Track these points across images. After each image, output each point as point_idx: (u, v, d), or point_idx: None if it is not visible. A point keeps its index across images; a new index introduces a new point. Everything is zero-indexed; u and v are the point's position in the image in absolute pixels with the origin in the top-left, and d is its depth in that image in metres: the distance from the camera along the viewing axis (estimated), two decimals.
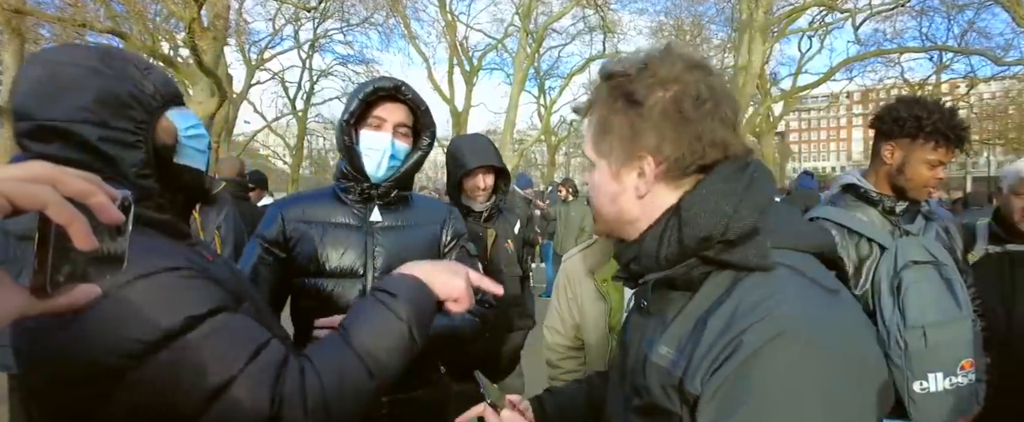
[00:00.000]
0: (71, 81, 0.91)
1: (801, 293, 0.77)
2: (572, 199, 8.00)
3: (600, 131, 0.90)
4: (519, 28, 21.19)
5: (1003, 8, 15.11)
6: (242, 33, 18.13)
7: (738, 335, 0.72)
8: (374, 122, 1.54)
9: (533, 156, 36.10)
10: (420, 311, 1.01)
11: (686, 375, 0.76)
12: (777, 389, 0.69)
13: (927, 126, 1.79)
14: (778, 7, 17.09)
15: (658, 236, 0.85)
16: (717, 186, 0.83)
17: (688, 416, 0.77)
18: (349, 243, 1.55)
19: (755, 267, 0.79)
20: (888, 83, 21.25)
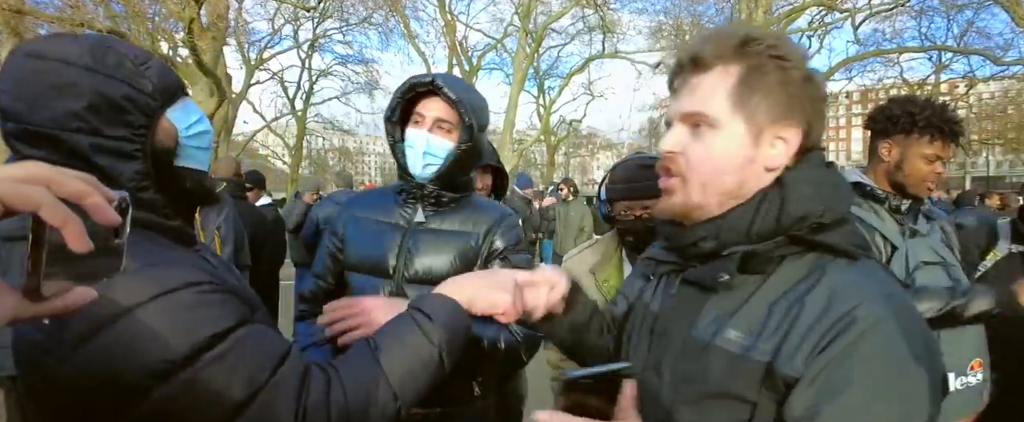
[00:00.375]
0: (62, 82, 0.84)
1: (887, 280, 0.82)
2: (572, 198, 7.99)
3: (744, 89, 0.82)
4: (518, 28, 21.18)
5: (1002, 8, 15.12)
6: (241, 33, 18.15)
7: (847, 313, 0.73)
8: (416, 119, 1.52)
9: (532, 156, 36.06)
10: (453, 336, 0.99)
11: (778, 359, 0.75)
12: (884, 367, 0.71)
13: (920, 121, 1.81)
14: (777, 7, 17.10)
15: (753, 209, 0.83)
16: (818, 170, 0.86)
17: (769, 401, 0.77)
18: (388, 242, 1.55)
19: (846, 252, 0.81)
20: (887, 83, 21.23)
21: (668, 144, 0.88)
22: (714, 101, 0.83)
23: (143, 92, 0.89)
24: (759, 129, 0.83)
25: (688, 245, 0.89)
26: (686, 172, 0.86)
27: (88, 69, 0.86)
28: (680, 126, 0.87)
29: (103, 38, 0.95)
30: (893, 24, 19.03)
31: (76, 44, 0.89)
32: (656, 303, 0.98)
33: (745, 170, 0.84)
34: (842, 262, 0.81)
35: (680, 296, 0.92)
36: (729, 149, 0.84)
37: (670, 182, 0.88)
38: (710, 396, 0.81)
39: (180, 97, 0.98)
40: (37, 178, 0.47)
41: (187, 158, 0.98)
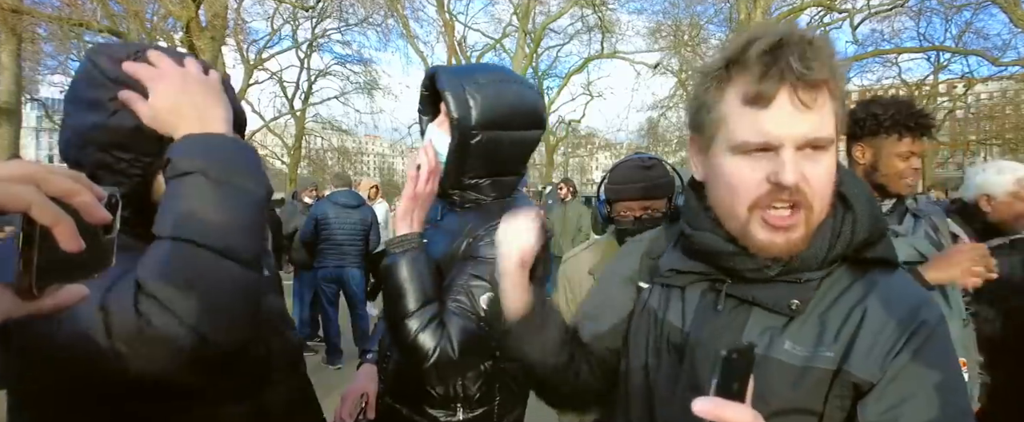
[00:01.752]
0: (92, 97, 0.87)
1: (921, 284, 0.86)
2: (570, 199, 7.98)
3: (839, 108, 0.79)
4: (517, 28, 21.18)
5: (1000, 9, 15.14)
6: (240, 33, 18.12)
7: (915, 316, 0.77)
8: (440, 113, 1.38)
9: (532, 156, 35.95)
10: (208, 150, 0.83)
11: (849, 364, 0.76)
12: (949, 363, 0.77)
13: (885, 121, 1.85)
14: (776, 8, 17.10)
15: (827, 235, 0.82)
16: (861, 185, 0.86)
17: (836, 410, 0.77)
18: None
19: (894, 262, 0.85)
20: (886, 83, 21.26)
21: (794, 176, 0.75)
22: (829, 124, 0.78)
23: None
24: (834, 144, 0.81)
25: (750, 268, 0.83)
26: (813, 202, 0.78)
27: (117, 84, 0.87)
28: (794, 153, 0.76)
29: (167, 52, 0.93)
30: (892, 25, 19.05)
31: (123, 55, 0.89)
32: (674, 314, 0.91)
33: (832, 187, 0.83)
34: (882, 270, 0.83)
35: (724, 310, 0.86)
36: (833, 170, 0.80)
37: (795, 217, 0.79)
38: (774, 413, 0.76)
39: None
40: (26, 177, 0.47)
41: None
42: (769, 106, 0.76)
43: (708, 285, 0.89)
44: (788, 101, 0.76)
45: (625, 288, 1.03)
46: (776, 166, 0.76)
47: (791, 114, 0.76)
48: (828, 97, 0.77)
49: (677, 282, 0.92)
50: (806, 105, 0.75)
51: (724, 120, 0.81)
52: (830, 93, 0.77)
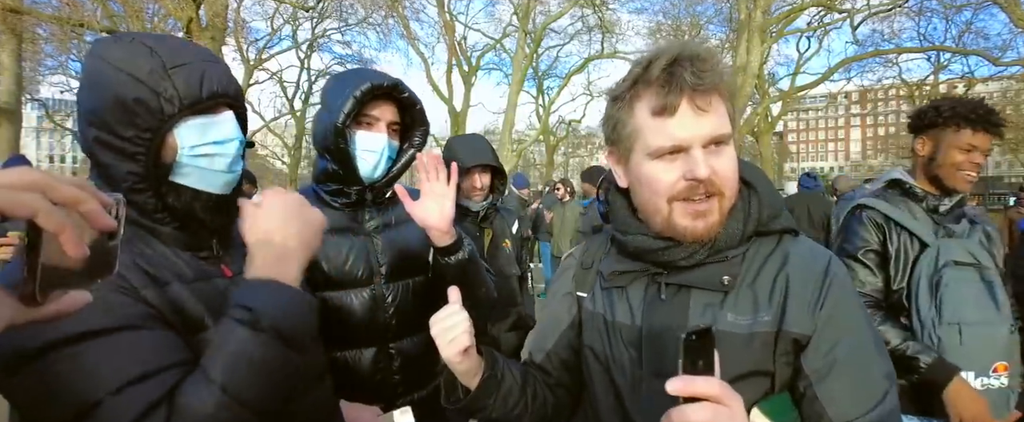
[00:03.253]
0: (93, 80, 0.91)
1: (820, 244, 1.00)
2: (568, 199, 7.97)
3: (730, 106, 0.92)
4: (517, 28, 21.18)
5: (1001, 9, 15.14)
6: (240, 33, 18.13)
7: (826, 271, 0.91)
8: (366, 121, 1.47)
9: (532, 156, 36.07)
10: (284, 310, 0.89)
11: (785, 324, 0.88)
12: (859, 302, 0.94)
13: (945, 112, 1.86)
14: (776, 7, 17.10)
15: (742, 215, 0.95)
16: (754, 166, 1.01)
17: (784, 366, 0.89)
18: (350, 249, 1.48)
19: (795, 230, 0.98)
20: (886, 83, 21.27)
21: (703, 170, 0.87)
22: (726, 122, 0.91)
23: (161, 96, 0.90)
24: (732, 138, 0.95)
25: (681, 258, 0.94)
26: (724, 190, 0.91)
27: (116, 69, 0.90)
28: (700, 150, 0.88)
29: (161, 38, 0.97)
30: (892, 25, 19.09)
31: (122, 42, 0.94)
32: (622, 314, 0.99)
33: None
34: (789, 238, 0.98)
35: (668, 298, 0.96)
36: (735, 160, 0.93)
37: (712, 204, 0.91)
38: (732, 380, 0.84)
39: (209, 112, 0.96)
40: (32, 184, 0.47)
41: (185, 176, 0.96)
42: (674, 114, 0.88)
43: (648, 280, 0.99)
44: (689, 108, 0.88)
45: (566, 303, 1.11)
46: (689, 164, 0.88)
47: (693, 119, 0.88)
48: (721, 99, 0.90)
49: (620, 282, 1.01)
50: (703, 109, 0.88)
51: (639, 131, 0.92)
52: (722, 96, 0.90)
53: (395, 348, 1.51)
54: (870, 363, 0.88)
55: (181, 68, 0.92)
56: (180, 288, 0.92)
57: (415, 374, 1.53)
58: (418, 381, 1.54)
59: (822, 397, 0.86)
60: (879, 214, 1.90)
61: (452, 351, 0.96)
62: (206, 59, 0.96)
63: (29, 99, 19.64)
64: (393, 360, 1.51)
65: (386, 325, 1.50)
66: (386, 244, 1.52)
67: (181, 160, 0.95)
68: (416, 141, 1.56)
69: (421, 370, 1.54)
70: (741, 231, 0.94)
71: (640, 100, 0.91)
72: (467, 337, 0.96)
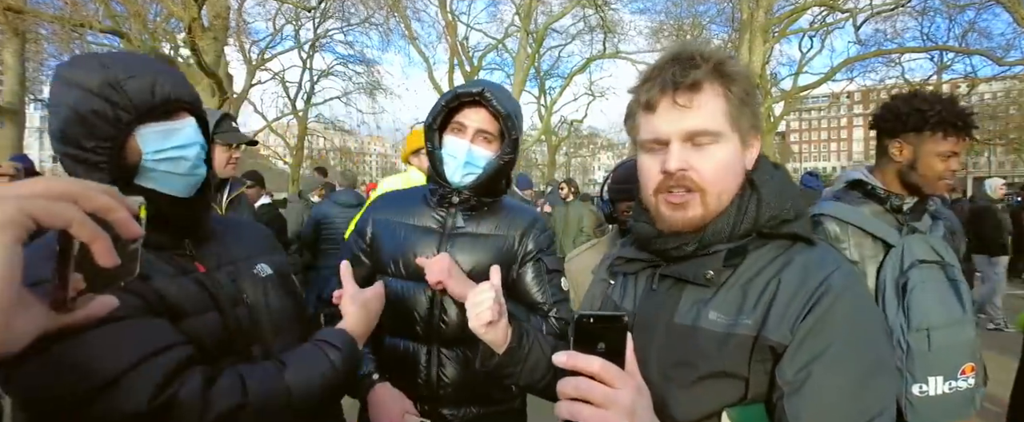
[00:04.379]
0: (55, 101, 0.97)
1: (843, 258, 0.94)
2: (572, 199, 7.96)
3: (736, 105, 0.92)
4: (519, 28, 21.17)
5: (1004, 8, 15.09)
6: (242, 33, 18.13)
7: (823, 283, 0.85)
8: (455, 127, 1.53)
9: (533, 156, 36.06)
10: (353, 363, 1.15)
11: (765, 329, 0.85)
12: (856, 323, 0.85)
13: (932, 118, 1.77)
14: (779, 7, 17.07)
15: (734, 213, 0.94)
16: (777, 174, 0.98)
17: (760, 373, 0.86)
18: (424, 247, 1.54)
19: (808, 239, 0.94)
20: (889, 83, 21.21)
21: (676, 163, 0.92)
22: (718, 119, 0.91)
23: (116, 106, 0.95)
24: (743, 139, 0.94)
25: (671, 248, 0.97)
26: (704, 185, 0.92)
27: (70, 85, 0.96)
28: (680, 144, 0.92)
29: (116, 55, 1.04)
30: (894, 24, 19.04)
31: (77, 61, 1.00)
32: (628, 301, 1.04)
33: (739, 174, 0.96)
34: (802, 245, 0.94)
35: (659, 290, 0.99)
36: (731, 159, 0.94)
37: (687, 197, 0.93)
38: (704, 377, 0.88)
39: (167, 118, 1.02)
40: (65, 194, 0.49)
41: (150, 180, 1.02)
42: (656, 110, 0.93)
43: (651, 270, 1.02)
44: (670, 104, 0.92)
45: (601, 287, 1.16)
46: (665, 157, 0.92)
47: (674, 114, 0.92)
48: (712, 97, 0.91)
49: (627, 269, 1.06)
50: (684, 105, 0.91)
51: (637, 126, 0.98)
52: (716, 94, 0.91)
53: (449, 354, 1.53)
54: (853, 387, 0.81)
55: (132, 79, 0.98)
56: (162, 281, 0.99)
57: (468, 385, 1.53)
58: (471, 396, 1.55)
59: (789, 413, 0.81)
60: (833, 221, 1.83)
61: (476, 323, 1.05)
62: (158, 69, 1.02)
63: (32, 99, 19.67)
64: (444, 365, 1.53)
65: (441, 327, 1.52)
66: (461, 249, 1.54)
67: (145, 165, 1.00)
68: (506, 152, 1.54)
69: (474, 384, 1.53)
70: (729, 228, 0.93)
71: (638, 96, 0.97)
72: (490, 313, 1.04)
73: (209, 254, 1.12)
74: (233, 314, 1.06)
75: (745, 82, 0.93)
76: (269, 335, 1.11)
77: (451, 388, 1.53)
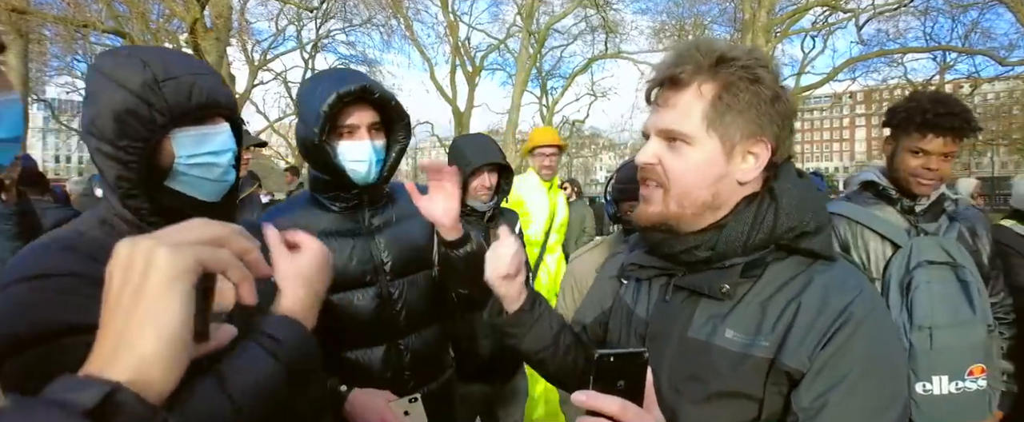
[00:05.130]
0: (91, 91, 0.97)
1: (864, 278, 0.90)
2: (575, 200, 7.96)
3: (721, 107, 0.86)
4: (521, 28, 21.16)
5: (1007, 8, 15.05)
6: (244, 34, 18.15)
7: (845, 309, 0.81)
8: (345, 131, 1.42)
9: None
10: (302, 352, 0.98)
11: (782, 354, 0.82)
12: (876, 353, 0.81)
13: (901, 113, 1.78)
14: (781, 7, 17.04)
15: (749, 222, 0.89)
16: (800, 183, 0.92)
17: (775, 395, 0.83)
18: (352, 250, 1.47)
19: (828, 256, 0.90)
20: (891, 83, 21.16)
21: (646, 156, 0.91)
22: (690, 119, 0.87)
23: (152, 108, 0.94)
24: (731, 146, 0.87)
25: (680, 252, 0.93)
26: (666, 183, 0.90)
27: (110, 80, 0.95)
28: (657, 139, 0.91)
29: (158, 52, 1.03)
30: (897, 24, 18.99)
31: (118, 56, 0.99)
32: (641, 307, 1.01)
33: (718, 184, 0.89)
34: (823, 263, 0.89)
35: (673, 301, 0.95)
36: (704, 165, 0.88)
37: (649, 191, 0.93)
38: (717, 395, 0.85)
39: (202, 122, 1.01)
40: (219, 239, 0.55)
41: (180, 183, 1.02)
42: (650, 104, 0.93)
43: (665, 279, 0.98)
44: (656, 99, 0.92)
45: (610, 284, 1.13)
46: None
47: (656, 110, 0.91)
48: (692, 97, 0.87)
49: (640, 275, 1.02)
50: (660, 104, 0.90)
51: None
52: (697, 95, 0.86)
53: (404, 344, 1.52)
54: (868, 420, 0.79)
55: (171, 81, 0.96)
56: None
57: (426, 368, 1.56)
58: (429, 374, 1.57)
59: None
60: (842, 221, 1.83)
61: (493, 274, 1.04)
62: (197, 71, 1.00)
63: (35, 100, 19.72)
64: (403, 356, 1.52)
65: (394, 322, 1.51)
66: (389, 242, 1.53)
67: (178, 168, 1.00)
68: (400, 138, 1.51)
69: (431, 364, 1.58)
70: (743, 239, 0.88)
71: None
72: (507, 267, 1.04)
73: None
74: (244, 321, 1.05)
75: (752, 84, 0.86)
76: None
77: (414, 378, 1.52)
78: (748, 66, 0.86)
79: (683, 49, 0.89)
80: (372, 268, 1.49)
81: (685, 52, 0.88)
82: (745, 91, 0.86)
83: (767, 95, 0.86)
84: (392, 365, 1.51)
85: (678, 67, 0.87)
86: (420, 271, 1.56)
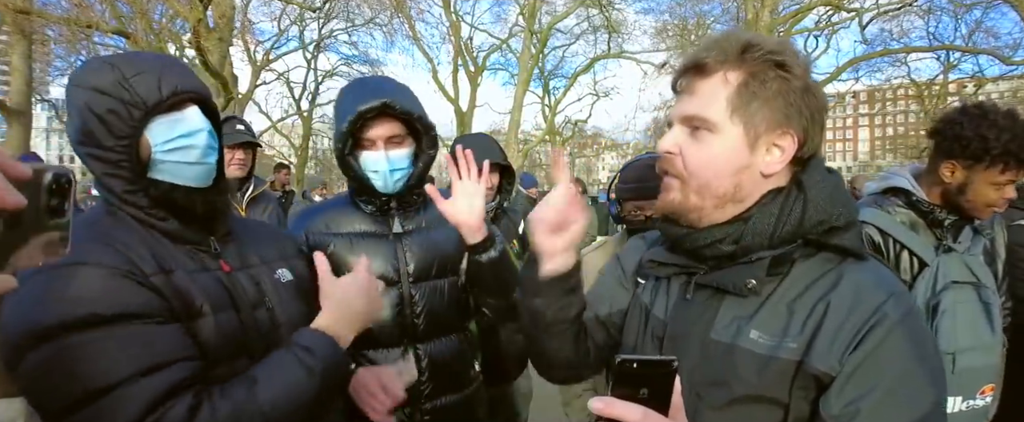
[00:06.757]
0: (72, 103, 0.99)
1: (896, 278, 0.85)
2: None
3: (747, 94, 0.83)
4: (523, 28, 21.15)
5: (1011, 7, 14.99)
6: (247, 34, 18.18)
7: (877, 310, 0.77)
8: (366, 144, 1.51)
9: (537, 156, 36.03)
10: (333, 364, 1.06)
11: (810, 356, 0.77)
12: (912, 356, 0.76)
13: (995, 149, 1.62)
14: (784, 7, 17.00)
15: (776, 214, 0.85)
16: (830, 177, 0.88)
17: (801, 401, 0.78)
18: (379, 252, 1.53)
19: (858, 253, 0.85)
20: (895, 83, 21.11)
21: (666, 144, 0.89)
22: (713, 106, 0.85)
23: (127, 104, 0.97)
24: (756, 136, 0.84)
25: (703, 247, 0.88)
26: (685, 174, 0.87)
27: (83, 88, 0.98)
28: (679, 127, 0.89)
29: (122, 55, 1.08)
30: (900, 24, 18.90)
31: (87, 66, 1.02)
32: (659, 307, 0.97)
33: (741, 175, 0.85)
34: (853, 261, 0.84)
35: (694, 300, 0.91)
36: (726, 154, 0.85)
37: (669, 181, 0.90)
38: (740, 400, 0.81)
39: (171, 110, 1.02)
40: None
41: (161, 172, 1.03)
42: (677, 91, 0.92)
43: (686, 276, 0.94)
44: (680, 87, 0.90)
45: (625, 283, 1.08)
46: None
47: (680, 97, 0.90)
48: (717, 84, 0.85)
49: (659, 273, 0.98)
50: (689, 90, 0.88)
51: None
52: (723, 81, 0.84)
53: (422, 349, 1.53)
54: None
55: (139, 76, 0.99)
56: (183, 276, 1.00)
57: (444, 377, 1.55)
58: (447, 384, 1.56)
59: None
60: (876, 231, 1.75)
61: (536, 223, 0.97)
62: (162, 64, 1.04)
63: (39, 100, 19.77)
64: (420, 361, 1.52)
65: (412, 325, 1.52)
66: (414, 246, 1.55)
67: (155, 157, 1.02)
68: (426, 146, 1.56)
69: (451, 374, 1.57)
70: (770, 231, 0.84)
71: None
72: (553, 216, 0.96)
73: (233, 255, 1.13)
74: (252, 316, 1.07)
75: (780, 72, 0.83)
76: (286, 340, 1.10)
77: (430, 384, 1.53)
78: (777, 53, 0.83)
79: (710, 38, 0.88)
80: (394, 271, 1.52)
81: (712, 41, 0.86)
82: (773, 80, 0.83)
83: (797, 86, 0.83)
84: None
85: (705, 54, 0.85)
86: (444, 277, 1.57)
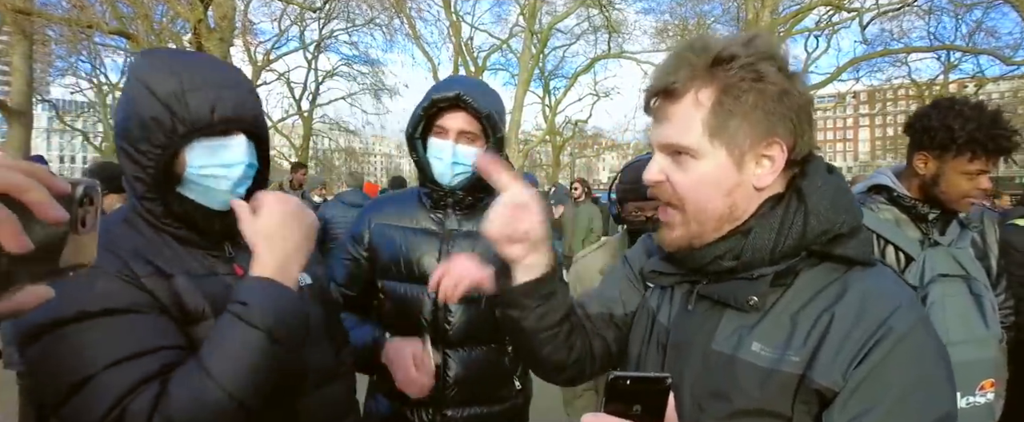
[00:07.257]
0: (127, 93, 1.00)
1: (904, 285, 0.83)
2: (583, 200, 7.93)
3: (723, 113, 0.79)
4: (524, 28, 21.14)
5: (1012, 7, 14.98)
6: (248, 34, 18.21)
7: (883, 322, 0.74)
8: (437, 131, 1.55)
9: (538, 156, 36.01)
10: (279, 311, 0.94)
11: (813, 370, 0.75)
12: (920, 369, 0.74)
13: (960, 137, 1.62)
14: (784, 7, 17.00)
15: (776, 228, 0.81)
16: (831, 180, 0.84)
17: (805, 415, 0.76)
18: (426, 248, 1.57)
19: (865, 261, 0.82)
20: (895, 83, 21.11)
21: (652, 174, 0.86)
22: (690, 132, 0.81)
23: (175, 117, 0.97)
24: (741, 154, 0.81)
25: (704, 264, 0.86)
26: (678, 202, 0.85)
27: (141, 85, 0.98)
28: (661, 155, 0.86)
29: (192, 60, 1.06)
30: (901, 24, 18.93)
31: (154, 61, 1.01)
32: (664, 314, 0.95)
33: (733, 194, 0.83)
34: (859, 270, 0.81)
35: (696, 310, 0.89)
36: (713, 177, 0.82)
37: (670, 214, 0.86)
38: (742, 413, 0.79)
39: (217, 136, 1.00)
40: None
41: (190, 190, 1.04)
42: (650, 113, 0.87)
43: (688, 286, 0.91)
44: (653, 110, 0.86)
45: (636, 283, 1.05)
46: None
47: (655, 122, 0.86)
48: (689, 106, 0.80)
49: (662, 283, 0.95)
50: (662, 115, 0.84)
51: None
52: (695, 102, 0.80)
53: (453, 356, 1.54)
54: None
55: (197, 92, 0.97)
56: (185, 281, 0.99)
57: (473, 388, 1.56)
58: (475, 396, 1.56)
59: None
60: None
61: (493, 232, 0.91)
62: (225, 84, 1.01)
63: (40, 100, 19.78)
64: (449, 366, 1.54)
65: (445, 328, 1.54)
66: (461, 247, 1.56)
67: (188, 176, 1.03)
68: (491, 149, 1.55)
69: (480, 386, 1.57)
70: (771, 246, 0.81)
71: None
72: (508, 223, 0.89)
73: (248, 259, 1.08)
74: None
75: (754, 83, 0.79)
76: (308, 348, 1.09)
77: (457, 389, 1.54)
78: (748, 63, 0.78)
79: (676, 53, 0.83)
80: (436, 267, 1.50)
81: (679, 56, 0.82)
82: (747, 92, 0.78)
83: (772, 92, 0.78)
84: (437, 369, 1.50)
85: (671, 76, 0.81)
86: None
